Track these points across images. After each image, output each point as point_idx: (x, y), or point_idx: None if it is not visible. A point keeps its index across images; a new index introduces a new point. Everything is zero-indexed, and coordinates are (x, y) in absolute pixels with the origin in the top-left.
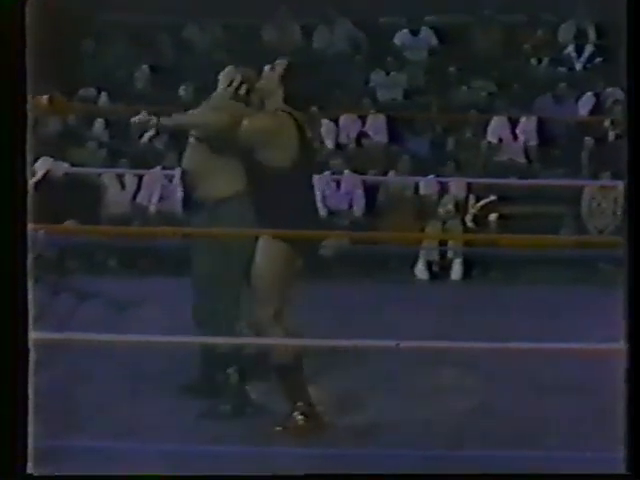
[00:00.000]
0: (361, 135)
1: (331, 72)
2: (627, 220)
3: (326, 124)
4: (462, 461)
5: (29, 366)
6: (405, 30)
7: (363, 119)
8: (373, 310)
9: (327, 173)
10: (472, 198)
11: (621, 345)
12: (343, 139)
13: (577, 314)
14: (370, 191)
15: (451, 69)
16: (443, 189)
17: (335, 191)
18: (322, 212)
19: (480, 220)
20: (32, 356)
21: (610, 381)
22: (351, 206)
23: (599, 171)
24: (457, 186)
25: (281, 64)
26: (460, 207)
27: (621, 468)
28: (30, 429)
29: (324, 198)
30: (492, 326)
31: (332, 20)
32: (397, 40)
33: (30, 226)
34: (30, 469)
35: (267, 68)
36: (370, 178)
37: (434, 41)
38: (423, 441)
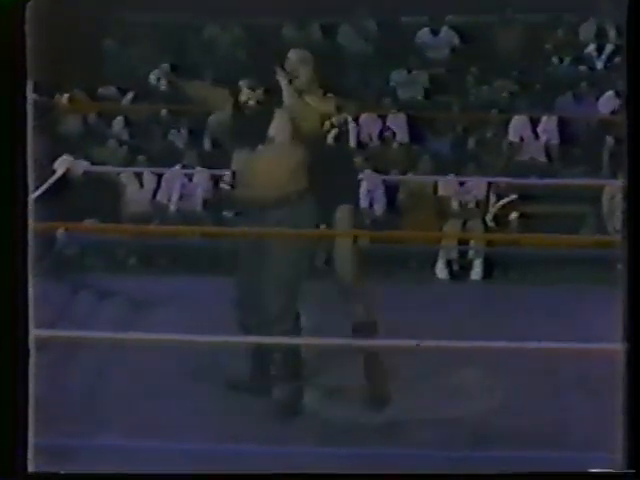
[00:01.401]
0: (382, 134)
1: (352, 71)
2: (627, 220)
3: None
4: (480, 461)
5: (29, 366)
6: (426, 29)
7: (384, 118)
8: (392, 309)
9: None
10: (493, 197)
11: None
12: (364, 138)
13: (596, 314)
14: (390, 190)
15: (472, 68)
16: (464, 188)
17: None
18: None
19: (501, 219)
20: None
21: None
22: (372, 205)
23: (619, 170)
24: (478, 185)
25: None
26: (481, 206)
27: None
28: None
29: None
30: (512, 326)
31: (353, 18)
32: (418, 39)
33: (31, 225)
34: (31, 468)
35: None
36: (390, 177)
37: (455, 40)
38: (442, 440)
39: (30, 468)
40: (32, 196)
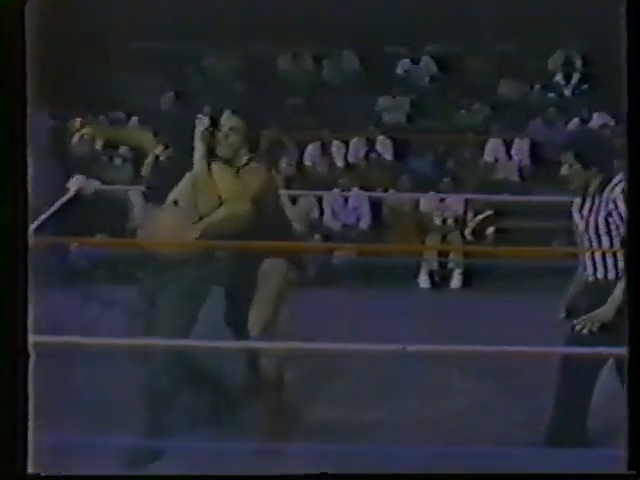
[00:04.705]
0: (368, 155)
1: (340, 97)
2: (627, 224)
3: (336, 145)
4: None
5: (29, 367)
6: (407, 59)
7: (370, 140)
8: (379, 316)
9: (336, 190)
10: (470, 213)
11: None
12: (351, 159)
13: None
14: (376, 206)
15: (450, 95)
16: (444, 204)
17: (343, 207)
18: (333, 226)
19: (478, 233)
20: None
21: None
22: (359, 220)
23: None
24: (456, 202)
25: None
26: (459, 221)
27: None
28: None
29: (333, 213)
30: (489, 330)
31: (340, 50)
32: (400, 68)
33: (31, 231)
34: (30, 469)
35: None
36: (375, 194)
37: (434, 69)
38: (422, 439)
39: (30, 470)
40: (47, 213)
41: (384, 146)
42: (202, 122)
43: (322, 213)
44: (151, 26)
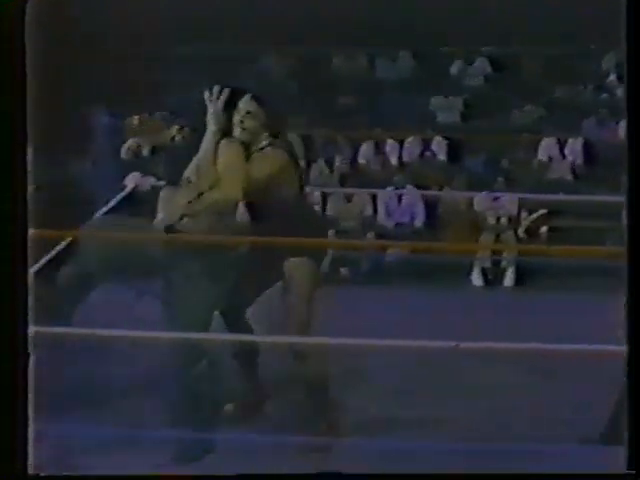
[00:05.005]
0: (423, 154)
1: (395, 97)
2: (627, 224)
3: (390, 144)
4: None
5: (29, 365)
6: (461, 60)
7: (425, 140)
8: (432, 314)
9: (390, 188)
10: (524, 212)
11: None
12: (406, 158)
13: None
14: (429, 205)
15: (504, 95)
16: (498, 204)
17: (397, 205)
18: (387, 224)
19: (531, 232)
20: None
21: None
22: (413, 218)
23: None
24: (510, 201)
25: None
26: (513, 220)
27: None
28: None
29: (387, 211)
30: (541, 328)
31: (395, 50)
32: (454, 69)
33: (31, 229)
34: (30, 469)
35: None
36: (429, 193)
37: (489, 69)
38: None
39: (30, 470)
40: (102, 210)
41: (439, 146)
42: (214, 103)
43: (376, 211)
44: (202, 28)
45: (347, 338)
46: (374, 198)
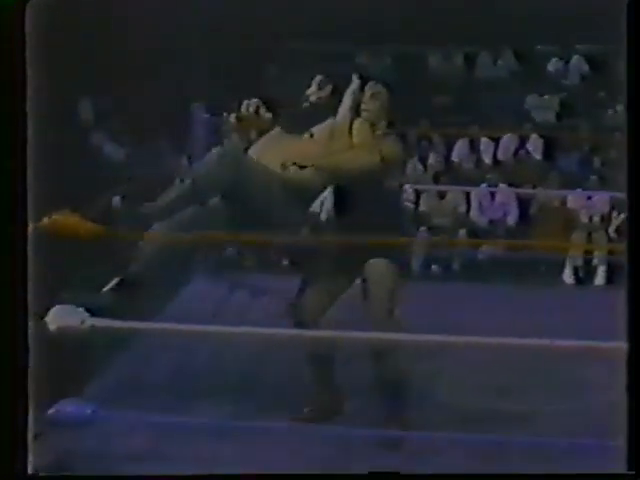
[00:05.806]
0: (518, 152)
1: (491, 95)
2: (627, 221)
3: (485, 142)
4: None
5: (28, 364)
6: (558, 58)
7: (521, 138)
8: (524, 310)
9: (483, 185)
10: (616, 211)
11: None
12: (500, 156)
13: None
14: (522, 202)
15: (600, 94)
16: (590, 202)
17: (490, 202)
18: (479, 221)
19: (622, 231)
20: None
21: None
22: (505, 216)
23: None
24: (602, 200)
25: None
26: (605, 219)
27: None
28: None
29: (481, 208)
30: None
31: (493, 48)
32: (551, 67)
33: (31, 225)
34: (30, 470)
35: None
36: (522, 191)
37: (585, 67)
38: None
39: (30, 470)
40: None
41: (535, 144)
42: (354, 81)
43: (469, 209)
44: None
45: (436, 335)
46: (467, 196)
